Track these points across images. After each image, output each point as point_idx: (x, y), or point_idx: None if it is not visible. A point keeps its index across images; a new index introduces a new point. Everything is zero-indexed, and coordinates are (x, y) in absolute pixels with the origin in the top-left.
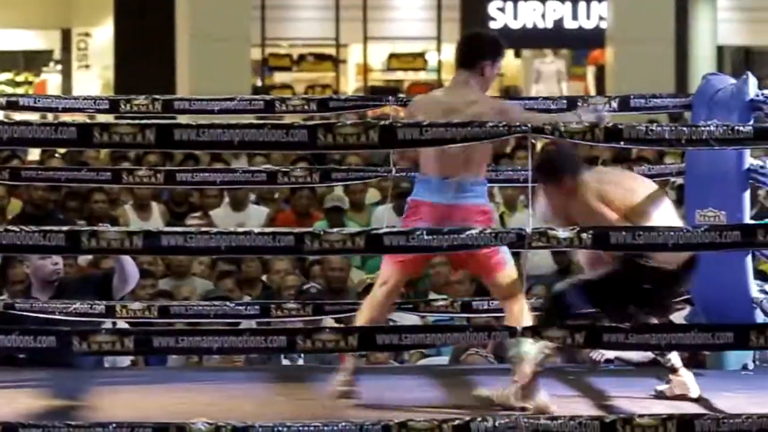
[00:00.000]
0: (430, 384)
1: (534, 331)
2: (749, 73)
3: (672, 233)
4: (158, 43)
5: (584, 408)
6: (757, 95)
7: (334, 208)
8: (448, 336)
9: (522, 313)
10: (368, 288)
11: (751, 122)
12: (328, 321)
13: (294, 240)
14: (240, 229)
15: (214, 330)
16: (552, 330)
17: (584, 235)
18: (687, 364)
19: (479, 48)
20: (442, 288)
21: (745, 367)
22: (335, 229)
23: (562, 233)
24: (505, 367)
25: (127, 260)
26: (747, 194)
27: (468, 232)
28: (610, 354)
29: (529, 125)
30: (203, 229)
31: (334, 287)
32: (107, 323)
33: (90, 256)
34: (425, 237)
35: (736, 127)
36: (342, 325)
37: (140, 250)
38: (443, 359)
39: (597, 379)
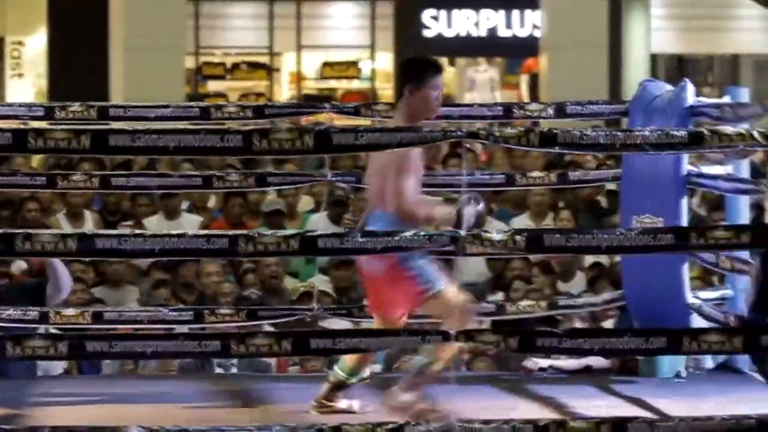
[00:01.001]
0: (364, 391)
1: (467, 336)
2: (687, 80)
3: (606, 236)
4: (92, 52)
5: (518, 416)
6: (696, 102)
7: (274, 212)
8: (382, 340)
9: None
10: (302, 296)
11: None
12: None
13: (228, 242)
14: (174, 232)
15: (147, 334)
16: (486, 334)
17: (518, 237)
18: (619, 371)
19: (402, 73)
20: None
21: (678, 375)
22: (269, 232)
23: (496, 235)
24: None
25: (61, 268)
26: (685, 201)
27: (402, 235)
28: (544, 363)
29: (464, 130)
30: (137, 231)
31: (269, 289)
32: (41, 329)
33: (24, 265)
34: (359, 240)
35: (671, 132)
36: (276, 330)
37: (74, 253)
38: (376, 368)
39: (530, 386)
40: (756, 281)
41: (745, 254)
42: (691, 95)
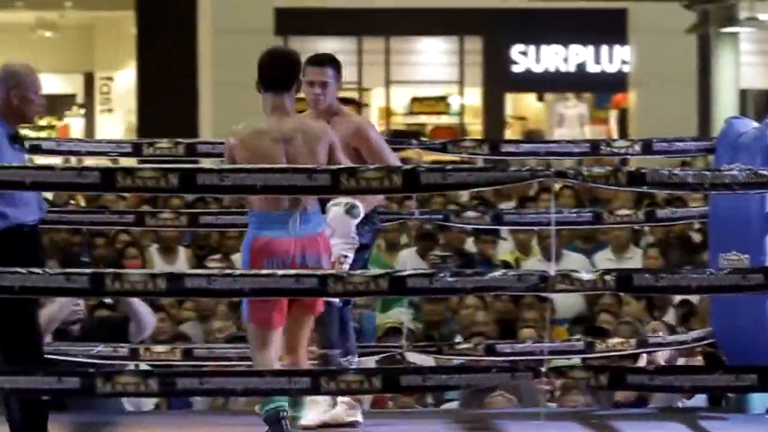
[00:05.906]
0: (454, 428)
1: (558, 372)
2: None
3: (695, 276)
4: (181, 86)
5: None
6: None
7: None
8: (471, 377)
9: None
10: (388, 332)
11: None
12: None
13: (317, 282)
14: (263, 271)
15: (237, 371)
16: (576, 371)
17: (607, 278)
18: (710, 407)
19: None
20: (467, 330)
21: None
22: (358, 271)
23: (586, 275)
24: (530, 411)
25: (142, 309)
26: None
27: (491, 275)
28: None
29: (552, 169)
30: (226, 271)
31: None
32: (130, 365)
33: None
34: (449, 279)
35: (759, 171)
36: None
37: (164, 293)
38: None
39: (619, 423)
40: None
41: None
42: None
